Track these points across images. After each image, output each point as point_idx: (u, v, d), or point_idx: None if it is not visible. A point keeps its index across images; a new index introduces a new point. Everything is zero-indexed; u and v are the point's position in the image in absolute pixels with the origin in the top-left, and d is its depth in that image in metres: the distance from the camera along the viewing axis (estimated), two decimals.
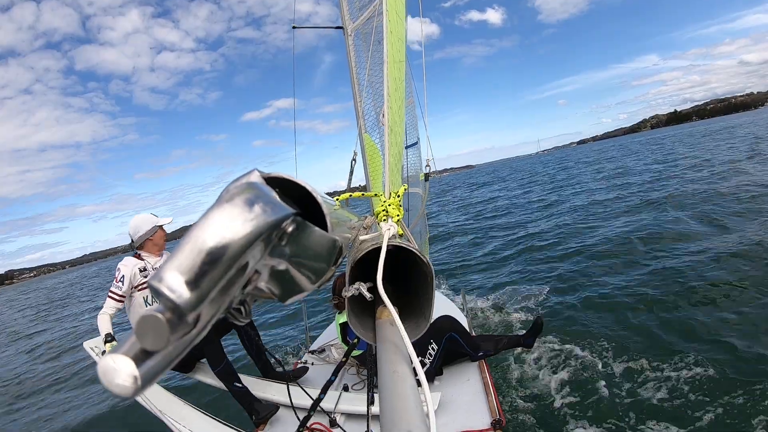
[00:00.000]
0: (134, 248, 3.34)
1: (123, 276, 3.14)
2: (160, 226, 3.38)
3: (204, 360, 3.30)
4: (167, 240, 3.45)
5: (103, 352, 2.99)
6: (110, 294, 3.12)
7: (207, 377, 3.27)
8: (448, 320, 3.35)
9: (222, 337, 3.39)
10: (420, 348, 3.10)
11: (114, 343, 2.93)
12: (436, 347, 3.12)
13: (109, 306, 3.08)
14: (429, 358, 3.08)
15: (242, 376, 3.19)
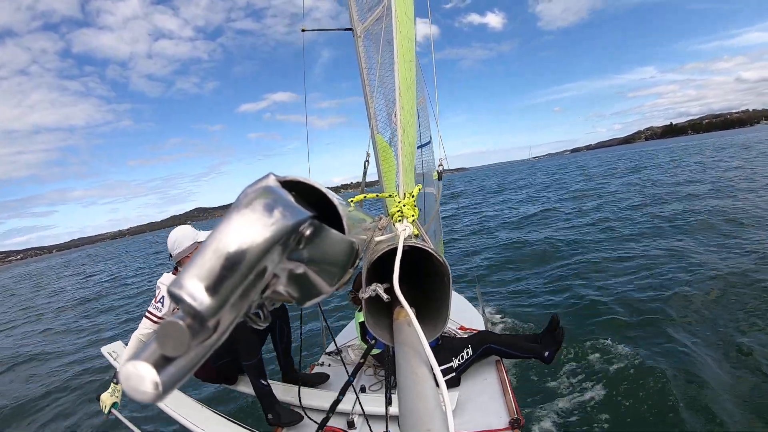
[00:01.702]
0: (173, 264, 3.13)
1: (164, 297, 2.87)
2: (201, 242, 3.13)
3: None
4: (155, 229, 3.28)
5: (96, 399, 2.92)
6: (148, 315, 2.88)
7: (249, 388, 3.21)
8: (491, 334, 3.35)
9: (264, 337, 3.32)
10: (455, 350, 3.10)
11: (119, 386, 2.77)
12: (471, 353, 3.11)
13: (146, 326, 2.85)
14: (460, 360, 3.07)
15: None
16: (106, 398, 2.86)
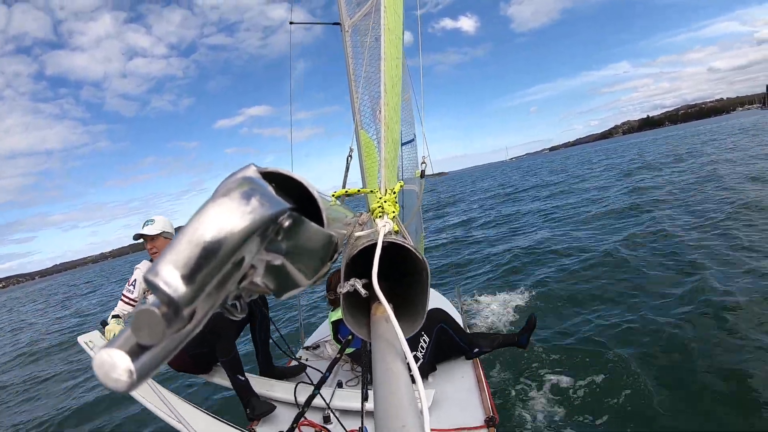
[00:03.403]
0: None
1: (135, 280, 3.09)
2: (141, 235, 3.13)
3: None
4: (137, 250, 3.31)
5: (103, 322, 2.96)
6: (122, 297, 3.07)
7: (225, 380, 3.22)
8: (439, 312, 3.35)
9: (240, 331, 3.36)
10: (412, 342, 3.10)
11: (120, 320, 2.94)
12: (427, 339, 3.13)
13: (121, 307, 3.04)
14: (422, 351, 3.09)
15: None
16: (114, 326, 2.88)
